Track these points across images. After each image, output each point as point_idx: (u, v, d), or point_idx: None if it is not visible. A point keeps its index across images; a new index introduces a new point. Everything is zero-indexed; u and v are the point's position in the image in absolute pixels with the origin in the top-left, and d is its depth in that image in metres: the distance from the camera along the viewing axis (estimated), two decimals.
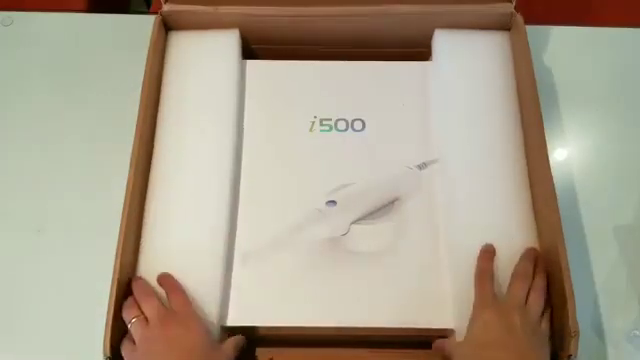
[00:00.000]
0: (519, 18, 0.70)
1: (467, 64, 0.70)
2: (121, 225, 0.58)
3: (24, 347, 0.66)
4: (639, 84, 0.82)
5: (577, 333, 0.53)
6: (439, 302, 0.59)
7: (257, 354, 0.61)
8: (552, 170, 0.76)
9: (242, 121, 0.68)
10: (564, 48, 0.83)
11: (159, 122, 0.67)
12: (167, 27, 0.72)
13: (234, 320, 0.59)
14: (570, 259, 0.71)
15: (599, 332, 0.51)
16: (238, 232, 0.62)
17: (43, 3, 0.89)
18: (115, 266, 0.56)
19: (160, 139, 0.66)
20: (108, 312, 0.55)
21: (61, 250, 0.70)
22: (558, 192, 0.74)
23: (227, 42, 0.70)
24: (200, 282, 0.58)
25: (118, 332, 0.55)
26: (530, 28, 0.69)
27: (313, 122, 0.67)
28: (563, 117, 0.79)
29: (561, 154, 0.77)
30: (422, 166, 0.65)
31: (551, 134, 0.79)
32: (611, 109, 0.80)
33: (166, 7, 0.70)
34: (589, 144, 0.79)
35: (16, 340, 0.67)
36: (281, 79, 0.70)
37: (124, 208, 0.58)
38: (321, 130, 0.67)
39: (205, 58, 0.70)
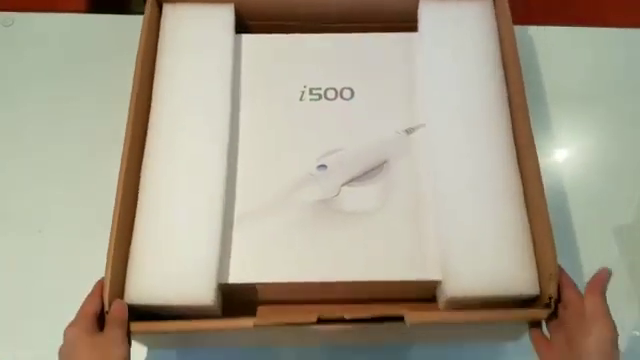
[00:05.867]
0: None
1: (452, 33, 0.71)
2: (114, 216, 0.58)
3: (24, 346, 0.66)
4: (638, 84, 0.82)
5: (557, 275, 0.56)
6: (426, 256, 0.61)
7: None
8: (553, 171, 0.76)
9: (238, 92, 0.69)
10: (563, 48, 0.84)
11: (155, 95, 0.68)
12: (160, 1, 0.73)
13: (231, 278, 0.60)
14: (570, 259, 0.71)
15: None
16: (235, 194, 0.64)
17: (43, 4, 0.89)
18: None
19: (156, 111, 0.67)
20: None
21: (61, 250, 0.71)
22: (558, 192, 0.75)
23: (222, 16, 0.72)
24: (198, 243, 0.60)
25: None
26: (529, 28, 0.69)
27: (303, 92, 0.69)
28: (563, 117, 0.79)
29: (562, 154, 0.77)
30: (409, 130, 0.67)
31: (551, 134, 0.79)
32: (611, 109, 0.80)
33: None
34: (591, 143, 0.79)
35: (16, 340, 0.67)
36: (273, 52, 0.72)
37: (118, 185, 0.59)
38: (311, 99, 0.69)
39: (200, 32, 0.71)
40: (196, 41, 0.70)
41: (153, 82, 0.68)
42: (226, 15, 0.72)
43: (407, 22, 0.74)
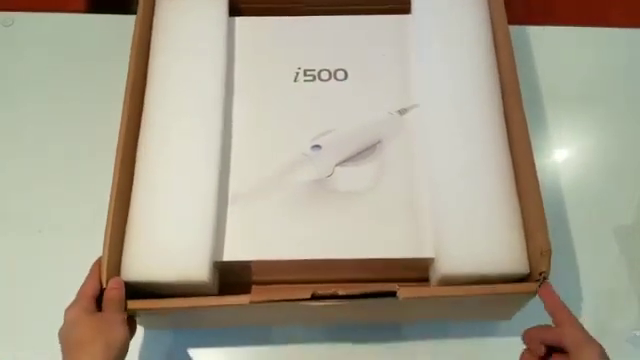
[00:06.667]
0: None
1: (445, 16, 0.71)
2: (110, 197, 0.59)
3: (24, 347, 0.66)
4: (638, 84, 0.82)
5: (549, 252, 0.56)
6: (420, 235, 0.62)
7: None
8: (553, 171, 0.76)
9: (232, 74, 0.70)
10: (563, 48, 0.84)
11: (150, 77, 0.68)
12: None
13: (227, 256, 0.61)
14: (570, 259, 0.71)
15: (599, 333, 0.51)
16: (230, 175, 0.65)
17: (43, 4, 0.89)
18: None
19: (152, 92, 0.67)
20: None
21: (61, 250, 0.71)
22: (558, 192, 0.75)
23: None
24: (193, 221, 0.60)
25: None
26: (529, 28, 0.69)
27: (297, 73, 0.70)
28: (563, 116, 0.79)
29: (562, 154, 0.77)
30: (402, 111, 0.68)
31: (551, 134, 0.79)
32: (611, 109, 0.80)
33: None
34: (591, 143, 0.79)
35: (16, 340, 0.67)
36: (267, 34, 0.73)
37: (115, 165, 0.60)
38: (305, 80, 0.70)
39: (194, 15, 0.71)
40: (190, 24, 0.71)
41: (148, 66, 0.69)
42: None
43: (400, 4, 0.74)
